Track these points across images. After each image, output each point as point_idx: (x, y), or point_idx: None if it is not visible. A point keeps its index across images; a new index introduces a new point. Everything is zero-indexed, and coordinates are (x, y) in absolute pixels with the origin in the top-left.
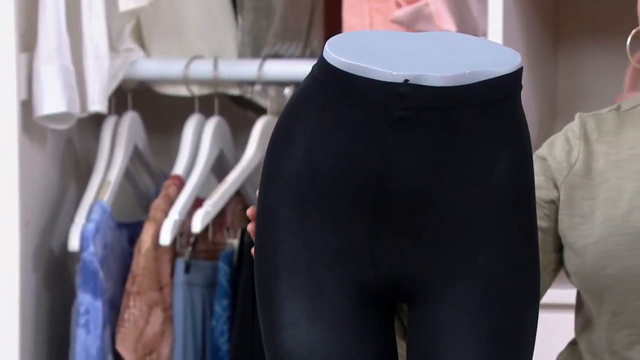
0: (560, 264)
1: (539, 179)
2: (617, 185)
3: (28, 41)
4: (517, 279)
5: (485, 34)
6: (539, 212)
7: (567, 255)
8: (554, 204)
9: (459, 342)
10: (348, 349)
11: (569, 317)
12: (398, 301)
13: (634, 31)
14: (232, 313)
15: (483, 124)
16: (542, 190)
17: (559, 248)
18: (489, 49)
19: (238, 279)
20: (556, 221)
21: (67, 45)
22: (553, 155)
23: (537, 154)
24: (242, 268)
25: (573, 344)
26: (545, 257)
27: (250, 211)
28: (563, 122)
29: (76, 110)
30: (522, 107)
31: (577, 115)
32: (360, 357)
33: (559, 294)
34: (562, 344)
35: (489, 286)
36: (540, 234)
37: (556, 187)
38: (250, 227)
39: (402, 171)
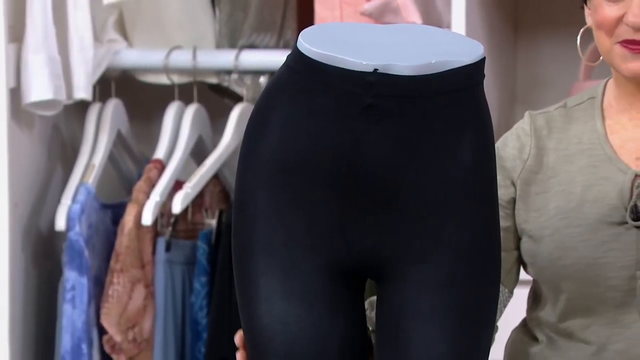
0: (521, 260)
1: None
2: (568, 179)
3: (16, 32)
4: (481, 257)
5: (449, 26)
6: (501, 212)
7: (525, 246)
8: (514, 202)
9: (425, 315)
10: (320, 323)
11: (524, 293)
12: (368, 278)
13: (582, 30)
14: (211, 289)
15: (448, 110)
16: (502, 190)
17: (519, 245)
18: (453, 40)
19: (216, 257)
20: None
21: (54, 36)
22: (507, 154)
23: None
24: (220, 247)
25: (525, 321)
26: (510, 255)
27: (238, 340)
28: (522, 108)
29: (62, 97)
30: (484, 94)
31: (526, 114)
32: (331, 330)
33: None
34: (516, 320)
35: (454, 263)
36: (503, 234)
37: (513, 184)
38: (239, 357)
39: (372, 155)
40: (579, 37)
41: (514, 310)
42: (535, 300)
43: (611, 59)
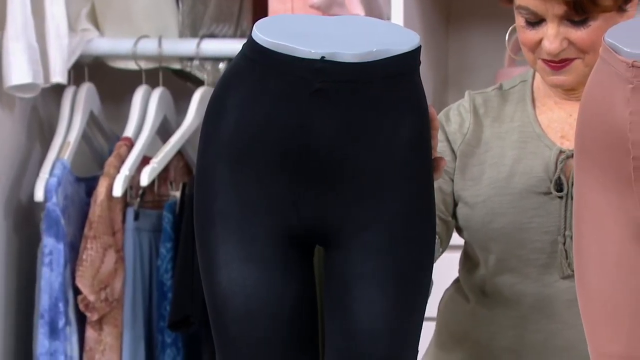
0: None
1: (442, 144)
2: (500, 153)
3: None
4: (417, 225)
5: (388, 18)
6: (444, 178)
7: (460, 211)
8: (454, 169)
9: (367, 278)
10: (274, 285)
11: (456, 257)
12: (316, 244)
13: (510, 28)
14: (175, 254)
15: (388, 94)
16: (446, 157)
17: (455, 210)
18: (392, 30)
19: (180, 225)
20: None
21: (32, 26)
22: (450, 128)
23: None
24: (183, 216)
25: (458, 282)
26: (448, 220)
27: None
28: (453, 92)
29: (40, 81)
30: (420, 80)
31: (466, 93)
32: (284, 291)
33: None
34: (449, 281)
35: (393, 231)
36: (441, 196)
37: (453, 153)
38: None
39: (319, 134)
40: (507, 34)
41: (447, 273)
42: (466, 262)
43: (535, 68)
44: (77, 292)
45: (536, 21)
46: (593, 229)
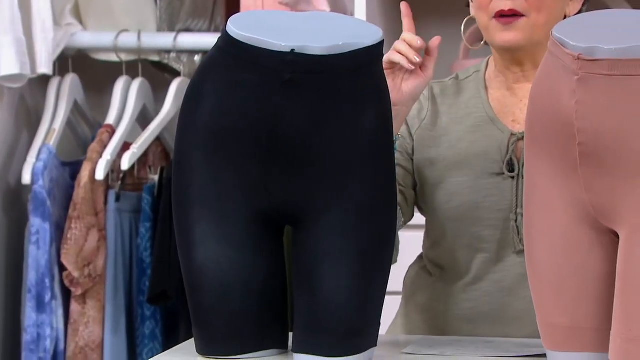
0: (416, 199)
1: (402, 127)
2: (457, 137)
3: None
4: (379, 207)
5: (352, 13)
6: (404, 156)
7: (420, 192)
8: (412, 150)
9: (333, 255)
10: (246, 262)
11: (419, 235)
12: (286, 224)
13: (466, 19)
14: (153, 233)
15: (353, 84)
16: (406, 140)
17: (415, 186)
18: (357, 25)
19: (158, 206)
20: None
21: (19, 20)
22: (409, 113)
23: None
24: (161, 197)
25: (421, 258)
26: (408, 192)
27: None
28: None
29: (27, 72)
30: (383, 71)
31: None
32: (255, 268)
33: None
34: (412, 257)
35: (357, 212)
36: (403, 171)
37: (411, 136)
38: None
39: (289, 122)
40: (463, 25)
41: (412, 249)
42: (427, 239)
43: (489, 34)
44: (62, 268)
45: None
46: (542, 210)
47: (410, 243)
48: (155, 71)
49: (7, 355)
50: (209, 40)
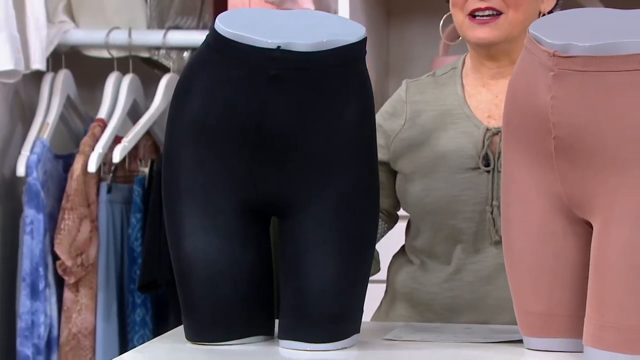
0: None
1: (379, 136)
2: (434, 134)
3: None
4: (362, 198)
5: (336, 12)
6: (384, 152)
7: (399, 186)
8: (390, 155)
9: (318, 245)
10: (234, 252)
11: (402, 225)
12: (272, 215)
13: (444, 16)
14: (144, 224)
15: (337, 80)
16: (383, 139)
17: (395, 195)
18: (340, 23)
19: (148, 198)
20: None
21: (14, 18)
22: (385, 120)
23: (380, 111)
24: (151, 189)
25: (404, 248)
26: (391, 189)
27: None
28: (394, 78)
29: (22, 68)
30: (366, 68)
31: (403, 82)
32: (242, 257)
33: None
34: (396, 247)
35: (340, 204)
36: (385, 167)
37: (388, 145)
38: None
39: (276, 117)
40: (441, 22)
41: (396, 239)
42: (410, 230)
43: (464, 31)
44: (55, 257)
45: None
46: (519, 201)
47: (394, 233)
48: (146, 67)
49: (2, 342)
50: (197, 37)
